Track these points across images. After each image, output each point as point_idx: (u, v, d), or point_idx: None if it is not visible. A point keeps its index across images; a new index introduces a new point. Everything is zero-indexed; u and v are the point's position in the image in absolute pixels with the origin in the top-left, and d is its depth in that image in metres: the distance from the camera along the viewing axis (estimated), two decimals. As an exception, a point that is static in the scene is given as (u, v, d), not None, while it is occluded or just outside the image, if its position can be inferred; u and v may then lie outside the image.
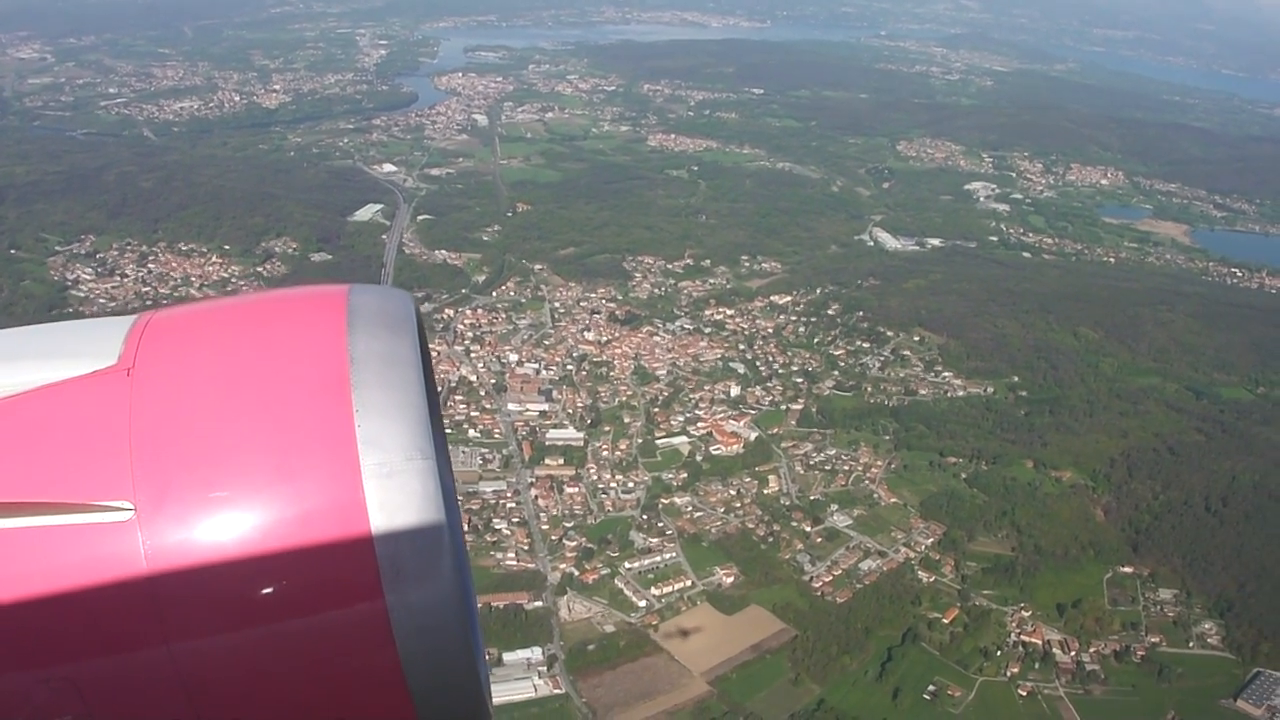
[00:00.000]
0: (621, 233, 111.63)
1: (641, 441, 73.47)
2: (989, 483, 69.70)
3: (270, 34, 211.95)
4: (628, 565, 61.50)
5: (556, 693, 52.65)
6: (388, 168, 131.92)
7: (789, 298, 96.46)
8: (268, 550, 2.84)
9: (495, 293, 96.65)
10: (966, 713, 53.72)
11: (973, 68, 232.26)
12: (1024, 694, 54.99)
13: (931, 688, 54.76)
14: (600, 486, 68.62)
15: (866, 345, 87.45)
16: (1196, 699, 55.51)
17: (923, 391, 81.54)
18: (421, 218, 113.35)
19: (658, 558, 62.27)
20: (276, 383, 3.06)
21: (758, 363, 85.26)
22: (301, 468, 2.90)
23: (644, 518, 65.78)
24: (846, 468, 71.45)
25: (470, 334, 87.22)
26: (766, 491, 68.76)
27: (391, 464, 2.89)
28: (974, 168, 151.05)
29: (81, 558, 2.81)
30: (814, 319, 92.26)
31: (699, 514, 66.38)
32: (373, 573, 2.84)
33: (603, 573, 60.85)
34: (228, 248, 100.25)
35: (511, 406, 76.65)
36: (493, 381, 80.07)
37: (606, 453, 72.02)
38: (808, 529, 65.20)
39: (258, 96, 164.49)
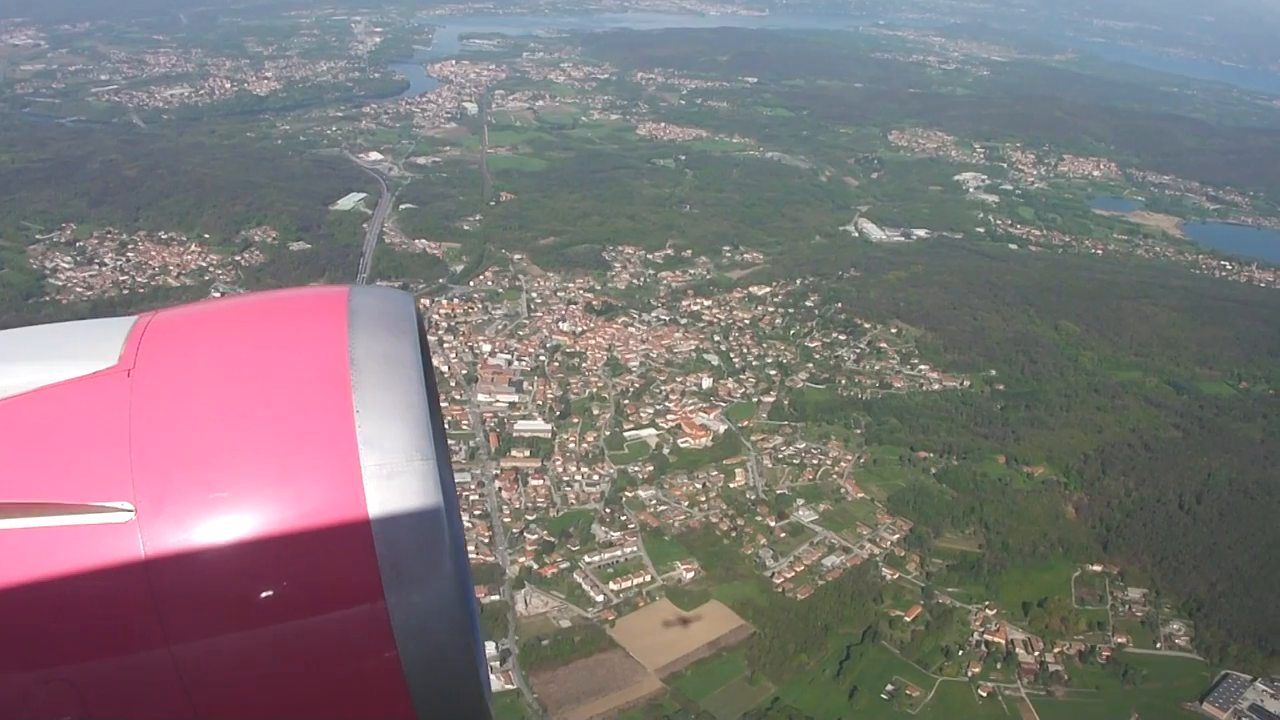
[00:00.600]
0: (604, 222, 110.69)
1: (609, 434, 72.72)
2: (959, 478, 68.70)
3: (265, 20, 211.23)
4: (588, 559, 60.85)
5: (508, 688, 52.11)
6: (374, 156, 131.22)
7: (768, 289, 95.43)
8: (268, 551, 2.83)
9: (473, 282, 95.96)
10: (924, 713, 53.00)
11: (970, 57, 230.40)
12: (984, 694, 54.18)
13: (890, 687, 54.01)
14: (565, 479, 67.94)
15: (843, 337, 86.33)
16: (1161, 701, 54.68)
17: (898, 385, 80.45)
18: (403, 207, 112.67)
19: (618, 552, 61.61)
20: (277, 384, 3.05)
21: (732, 355, 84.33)
22: (302, 469, 2.88)
23: (607, 511, 65.11)
24: (815, 462, 70.55)
25: (445, 324, 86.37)
26: (733, 485, 67.99)
27: (392, 465, 2.88)
28: (965, 158, 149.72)
29: (81, 558, 2.79)
30: (792, 310, 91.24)
31: (663, 508, 65.63)
32: (373, 573, 2.82)
33: (562, 566, 60.21)
34: (207, 236, 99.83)
35: (481, 397, 75.95)
36: (464, 372, 79.38)
37: (573, 445, 71.31)
38: (772, 524, 64.40)
39: (249, 84, 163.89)
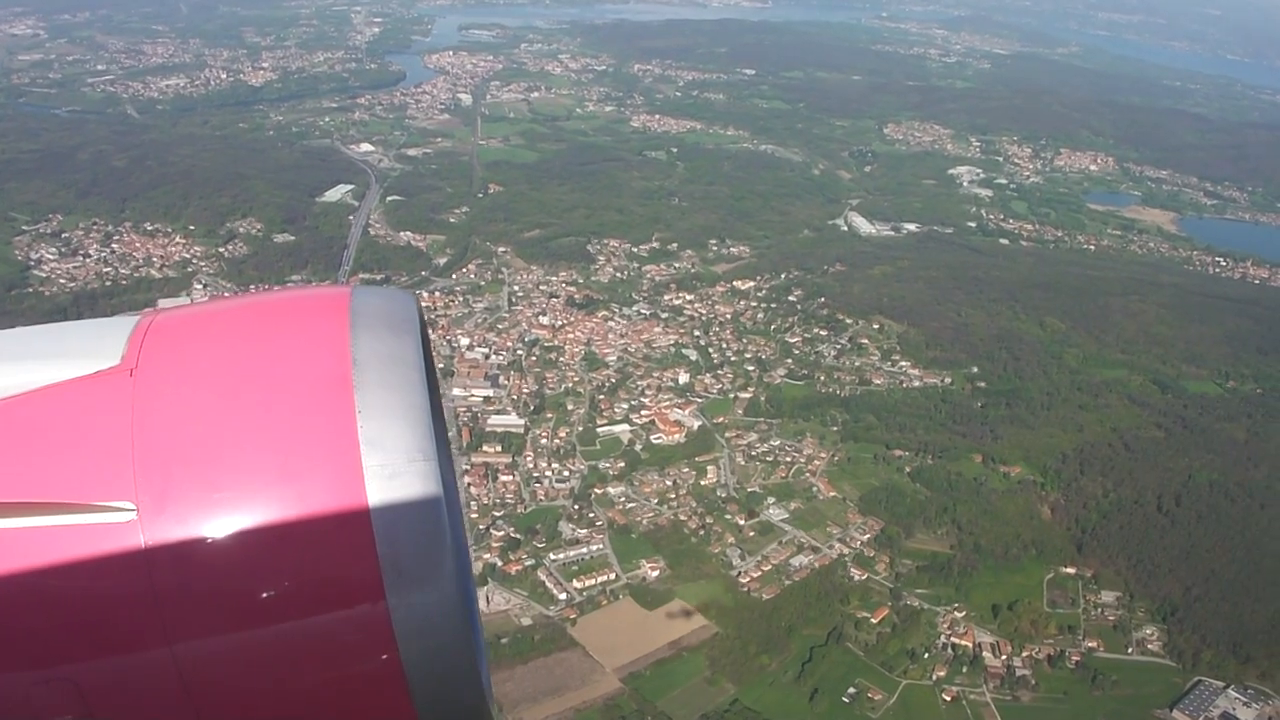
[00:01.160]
0: (591, 215, 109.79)
1: (582, 429, 72.04)
2: (933, 477, 67.71)
3: (265, 10, 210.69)
4: (553, 557, 60.22)
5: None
6: (365, 147, 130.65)
7: (752, 283, 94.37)
8: (269, 551, 2.83)
9: (455, 275, 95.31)
10: (886, 716, 52.17)
11: (972, 50, 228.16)
12: (948, 699, 53.28)
13: (851, 690, 53.19)
14: (535, 475, 67.31)
15: (824, 333, 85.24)
16: (1130, 708, 53.69)
17: (877, 381, 79.42)
18: (390, 198, 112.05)
19: (584, 549, 60.96)
20: (279, 384, 3.02)
21: (711, 350, 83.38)
22: (304, 469, 2.87)
23: (575, 508, 64.46)
24: (789, 459, 69.65)
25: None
26: (704, 482, 67.19)
27: (394, 465, 2.86)
28: (961, 151, 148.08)
29: (84, 558, 2.79)
30: (774, 305, 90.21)
31: (632, 505, 64.92)
32: (374, 574, 2.82)
33: (527, 564, 59.61)
34: (192, 228, 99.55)
35: (456, 391, 75.31)
36: (441, 366, 78.63)
37: (545, 440, 70.66)
38: (741, 522, 63.60)
39: (244, 74, 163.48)
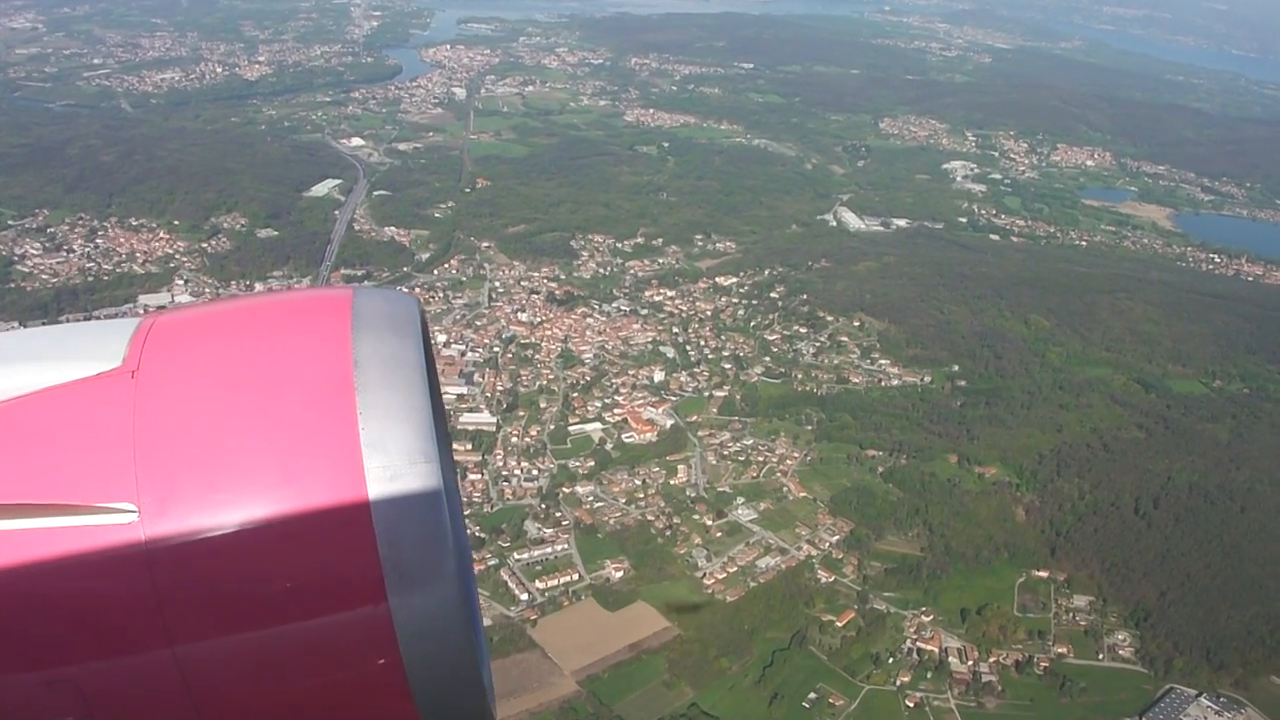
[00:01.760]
0: (577, 210, 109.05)
1: (554, 428, 71.39)
2: (906, 478, 66.76)
3: (265, 4, 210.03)
4: (517, 556, 59.63)
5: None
6: (355, 142, 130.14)
7: (734, 279, 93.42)
8: (271, 553, 2.83)
9: (437, 271, 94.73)
10: (845, 722, 51.38)
11: (973, 44, 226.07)
12: (911, 705, 52.53)
13: (812, 695, 52.43)
14: (504, 474, 66.71)
15: (804, 330, 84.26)
16: (1098, 716, 52.96)
17: (855, 380, 78.46)
18: (377, 193, 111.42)
19: (549, 549, 60.36)
20: (280, 385, 3.02)
21: (689, 347, 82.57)
22: (305, 470, 2.86)
23: (543, 507, 63.85)
24: (761, 459, 68.85)
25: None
26: (674, 482, 66.49)
27: (395, 467, 2.86)
28: (956, 146, 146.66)
29: (85, 559, 2.78)
30: (756, 301, 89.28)
31: (599, 504, 64.27)
32: (376, 576, 2.81)
33: (490, 564, 58.95)
34: (177, 223, 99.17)
35: (430, 389, 74.56)
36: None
37: (516, 438, 70.00)
38: (709, 523, 62.85)
39: (240, 68, 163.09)
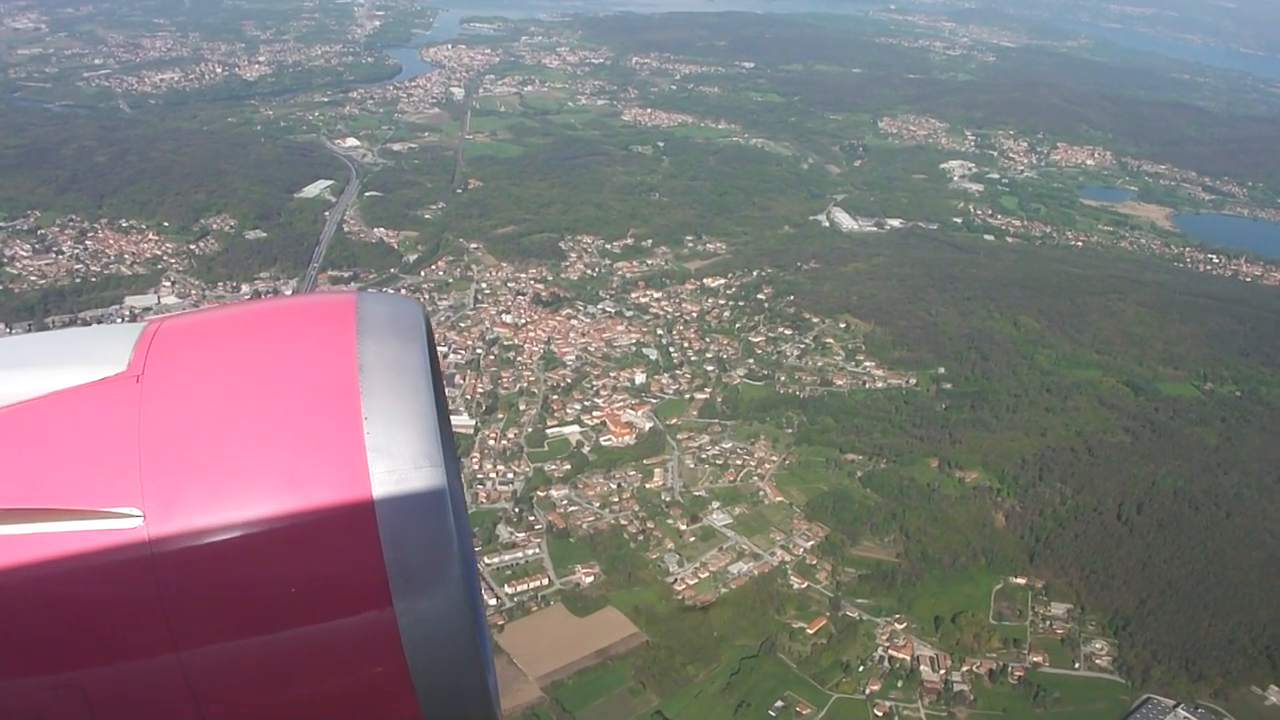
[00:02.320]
0: (567, 210, 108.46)
1: (531, 430, 70.81)
2: (885, 482, 65.79)
3: (267, 3, 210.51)
4: (488, 560, 58.94)
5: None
6: (350, 142, 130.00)
7: (722, 280, 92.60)
8: (276, 557, 2.82)
9: (424, 272, 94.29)
10: (813, 731, 50.64)
11: (978, 43, 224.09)
12: (880, 714, 51.68)
13: (779, 703, 51.62)
14: (480, 477, 66.13)
15: (789, 332, 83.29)
16: (1072, 727, 51.86)
17: (839, 382, 77.48)
18: (368, 194, 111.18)
19: (520, 554, 59.83)
20: (285, 390, 3.01)
21: (672, 349, 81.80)
22: (310, 475, 2.86)
23: (516, 511, 63.30)
24: (739, 463, 68.02)
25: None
26: (650, 486, 65.81)
27: (400, 472, 2.86)
28: (955, 145, 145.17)
29: (90, 563, 2.78)
30: (742, 303, 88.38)
31: (574, 508, 63.68)
32: (381, 580, 2.81)
33: (460, 568, 58.35)
34: (166, 225, 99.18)
35: (409, 392, 74.13)
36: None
37: (493, 441, 69.49)
38: (683, 528, 62.12)
39: (240, 68, 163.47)
